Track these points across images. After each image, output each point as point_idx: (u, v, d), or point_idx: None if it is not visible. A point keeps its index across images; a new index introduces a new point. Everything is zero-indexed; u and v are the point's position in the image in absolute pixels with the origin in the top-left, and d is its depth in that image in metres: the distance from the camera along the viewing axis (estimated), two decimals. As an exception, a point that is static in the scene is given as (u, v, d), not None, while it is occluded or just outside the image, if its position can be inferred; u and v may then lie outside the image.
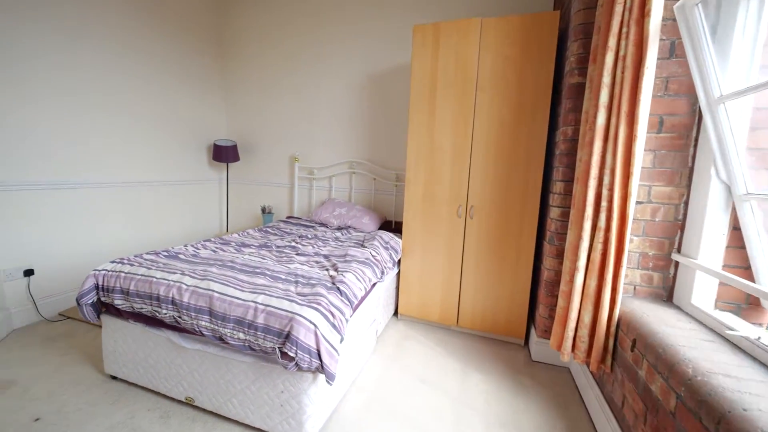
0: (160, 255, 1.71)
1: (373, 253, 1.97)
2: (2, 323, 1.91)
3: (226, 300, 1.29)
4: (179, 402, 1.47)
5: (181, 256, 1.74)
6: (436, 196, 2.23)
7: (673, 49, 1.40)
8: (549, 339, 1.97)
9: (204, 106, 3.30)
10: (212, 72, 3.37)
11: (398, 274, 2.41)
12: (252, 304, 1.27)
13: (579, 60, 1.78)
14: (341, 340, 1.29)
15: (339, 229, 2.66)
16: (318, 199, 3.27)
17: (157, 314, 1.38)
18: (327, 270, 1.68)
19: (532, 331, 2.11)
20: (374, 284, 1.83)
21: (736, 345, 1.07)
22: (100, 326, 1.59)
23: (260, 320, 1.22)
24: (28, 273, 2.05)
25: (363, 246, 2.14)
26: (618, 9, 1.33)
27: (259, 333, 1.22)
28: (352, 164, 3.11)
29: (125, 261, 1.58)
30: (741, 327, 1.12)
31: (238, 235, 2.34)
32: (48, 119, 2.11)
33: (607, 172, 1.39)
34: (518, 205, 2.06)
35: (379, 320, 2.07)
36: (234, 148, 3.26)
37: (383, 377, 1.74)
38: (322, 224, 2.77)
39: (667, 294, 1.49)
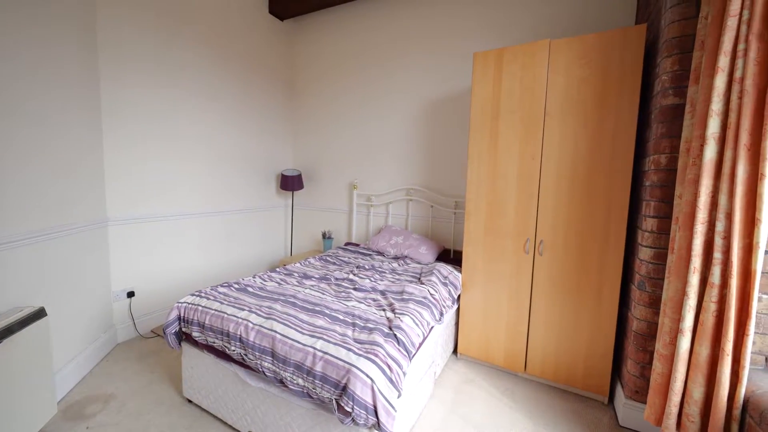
0: (232, 288, 1.84)
1: (431, 291, 1.89)
2: (110, 338, 2.24)
3: (287, 343, 1.33)
4: (243, 435, 1.54)
5: (250, 289, 1.86)
6: (500, 228, 2.08)
7: (814, 63, 1.12)
8: (640, 402, 1.66)
9: (273, 139, 3.60)
10: (280, 108, 3.67)
11: (458, 309, 2.28)
12: (311, 349, 1.28)
13: (674, 78, 1.53)
14: (399, 396, 1.23)
15: (396, 258, 2.63)
16: (375, 224, 3.30)
17: (227, 349, 1.47)
18: (384, 310, 1.64)
19: (618, 388, 1.81)
20: (432, 327, 1.74)
21: None
22: (180, 351, 1.75)
23: (318, 368, 1.22)
24: (131, 294, 2.38)
25: (420, 281, 2.07)
26: (731, 23, 1.11)
27: (317, 381, 1.22)
28: (410, 191, 3.08)
29: (203, 294, 1.73)
30: None
31: (300, 264, 2.44)
32: (149, 161, 2.47)
33: (720, 216, 1.14)
34: (598, 241, 1.82)
35: (438, 361, 1.96)
36: (299, 177, 3.47)
37: (443, 428, 1.62)
38: (379, 253, 2.77)
39: (817, 371, 1.15)
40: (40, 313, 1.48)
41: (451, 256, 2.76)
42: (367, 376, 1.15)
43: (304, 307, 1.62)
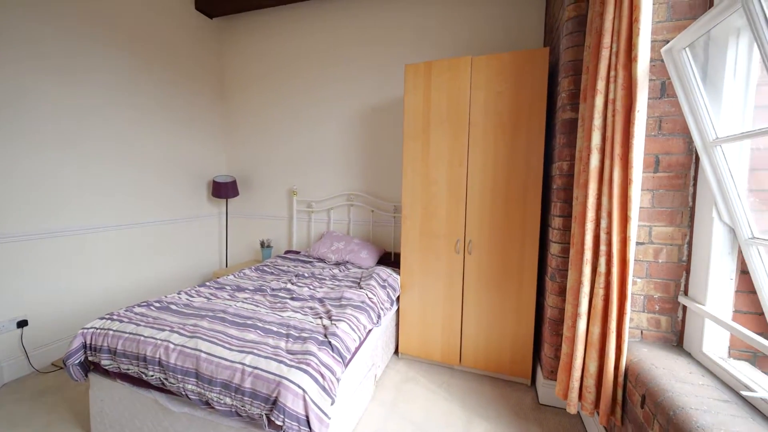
0: (152, 307, 1.68)
1: (370, 295, 1.93)
2: (-7, 378, 1.88)
3: (213, 361, 1.25)
4: (167, 467, 1.41)
5: (173, 306, 1.71)
6: (433, 231, 2.19)
7: (665, 89, 1.39)
8: (554, 380, 1.88)
9: (204, 144, 3.36)
10: (212, 111, 3.44)
11: (398, 311, 2.35)
12: (239, 366, 1.22)
13: (570, 96, 1.77)
14: (332, 403, 1.23)
15: (337, 264, 2.62)
16: (317, 231, 3.25)
17: (144, 375, 1.34)
18: (321, 318, 1.63)
19: (539, 371, 2.02)
20: (370, 330, 1.77)
21: (756, 408, 0.99)
22: (87, 384, 1.54)
23: (247, 384, 1.17)
24: (22, 324, 2.03)
25: (360, 286, 2.09)
26: (605, 53, 1.33)
27: (246, 398, 1.17)
28: (350, 197, 3.10)
29: (114, 317, 1.55)
30: (759, 384, 1.04)
31: (234, 276, 2.31)
32: (47, 168, 2.14)
33: (603, 215, 1.35)
34: (518, 239, 2.02)
35: (378, 363, 2.00)
36: (233, 183, 3.28)
37: (382, 430, 1.65)
38: (320, 259, 2.74)
39: (677, 338, 1.42)
40: None
41: (392, 259, 2.83)
42: (299, 386, 1.14)
43: (235, 322, 1.54)
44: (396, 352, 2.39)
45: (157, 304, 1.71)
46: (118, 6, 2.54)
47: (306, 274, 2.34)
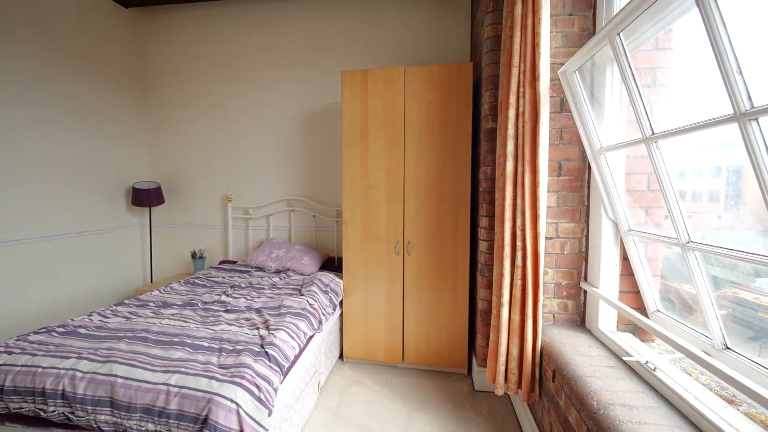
0: (53, 333, 1.46)
1: (311, 301, 1.91)
2: None
3: (132, 386, 1.14)
4: None
5: (82, 330, 1.51)
6: (374, 233, 2.25)
7: (563, 105, 1.62)
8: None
9: (122, 147, 3.01)
10: (131, 113, 3.11)
11: (341, 315, 2.35)
12: (163, 387, 1.13)
13: (491, 108, 1.96)
14: (269, 414, 1.20)
15: (277, 272, 2.54)
16: (255, 239, 3.11)
17: (42, 413, 1.16)
18: (258, 329, 1.57)
19: (474, 360, 2.18)
20: (311, 337, 1.76)
21: (633, 370, 1.20)
22: (-33, 431, 1.29)
23: (173, 406, 1.09)
24: None
25: (300, 293, 2.05)
26: (515, 71, 1.51)
27: (171, 421, 1.08)
28: (291, 202, 3.03)
29: (2, 348, 1.32)
30: (636, 350, 1.26)
31: (160, 291, 2.11)
32: None
33: (518, 214, 1.52)
34: (451, 239, 2.16)
35: (322, 370, 1.98)
36: (157, 190, 2.99)
37: (326, 436, 1.64)
38: (260, 268, 2.63)
39: (580, 319, 1.64)
40: None
41: (335, 264, 2.82)
42: (232, 401, 1.09)
43: (159, 341, 1.41)
44: (341, 356, 2.39)
45: (61, 329, 1.50)
46: (5, -15, 2.18)
47: (243, 285, 2.23)
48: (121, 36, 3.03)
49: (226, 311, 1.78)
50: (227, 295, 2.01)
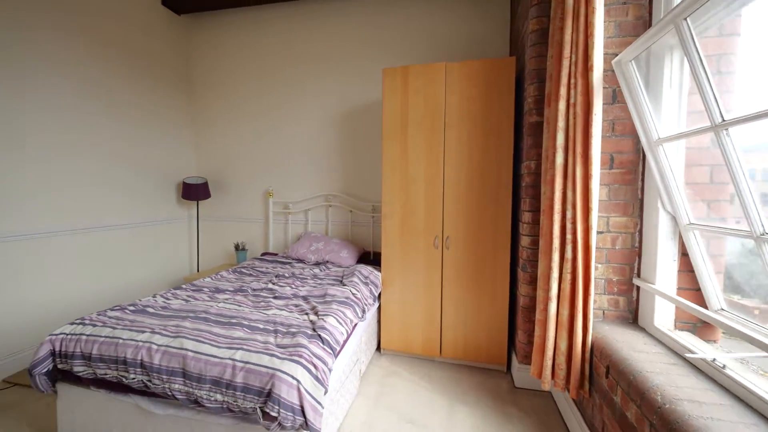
0: (127, 311, 1.60)
1: (354, 291, 1.96)
2: (-66, 399, 1.69)
3: (201, 359, 1.23)
4: (148, 475, 1.35)
5: (150, 309, 1.64)
6: (413, 228, 2.28)
7: (615, 96, 1.57)
8: (528, 364, 2.01)
9: (172, 144, 3.23)
10: (181, 110, 3.33)
11: (379, 308, 2.40)
12: (230, 361, 1.21)
13: (535, 101, 1.94)
14: (325, 393, 1.26)
15: (317, 264, 2.63)
16: (294, 233, 3.23)
17: (124, 379, 1.28)
18: (307, 314, 1.64)
19: (513, 357, 2.15)
20: (356, 325, 1.81)
21: (697, 368, 1.15)
22: (54, 394, 1.44)
23: (239, 379, 1.17)
24: (-31, 337, 1.84)
25: (342, 283, 2.12)
26: (565, 63, 1.49)
27: (238, 393, 1.16)
28: (328, 197, 3.12)
29: (87, 321, 1.47)
30: (699, 348, 1.21)
31: (211, 278, 2.25)
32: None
33: (569, 206, 1.50)
34: (491, 234, 2.15)
35: (362, 359, 2.04)
36: (204, 185, 3.18)
37: (369, 421, 1.69)
38: (300, 260, 2.73)
39: (632, 316, 1.59)
40: None
41: (371, 258, 2.88)
42: (293, 377, 1.15)
43: (218, 321, 1.52)
44: (378, 348, 2.44)
45: (132, 308, 1.64)
46: (88, 2, 2.42)
47: (286, 275, 2.32)
48: (174, 41, 3.25)
49: (275, 297, 1.87)
50: (273, 284, 2.11)
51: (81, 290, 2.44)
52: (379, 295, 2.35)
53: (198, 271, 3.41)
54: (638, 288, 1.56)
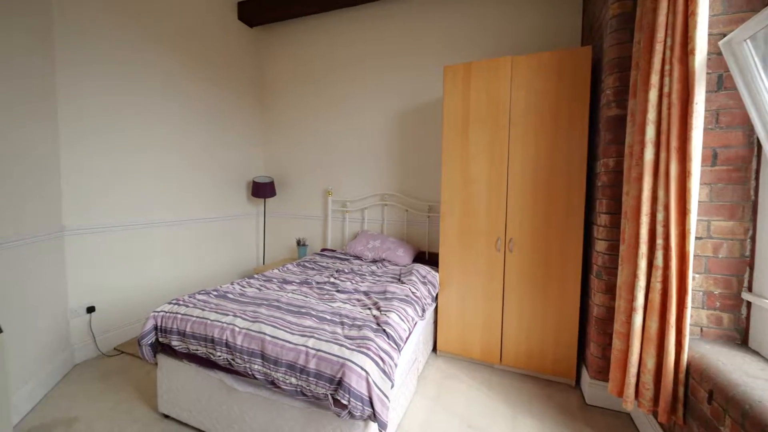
0: (211, 295, 1.79)
1: (413, 290, 1.97)
2: (67, 359, 2.05)
3: (278, 344, 1.33)
4: (229, 445, 1.49)
5: (230, 295, 1.82)
6: (473, 228, 2.22)
7: (721, 82, 1.38)
8: (603, 381, 1.84)
9: (244, 145, 3.54)
10: (251, 114, 3.63)
11: (435, 308, 2.37)
12: (303, 348, 1.29)
13: (616, 93, 1.77)
14: (392, 386, 1.28)
15: (374, 261, 2.68)
16: (351, 230, 3.34)
17: (212, 356, 1.43)
18: (369, 309, 1.69)
19: (584, 371, 1.99)
20: (416, 323, 1.81)
21: (837, 403, 0.96)
22: (156, 365, 1.66)
23: (312, 365, 1.24)
24: (90, 310, 2.20)
25: (401, 281, 2.14)
26: (658, 47, 1.34)
27: (311, 378, 1.23)
28: (384, 196, 3.17)
29: (181, 302, 1.67)
30: (839, 381, 1.01)
31: (279, 270, 2.41)
32: (108, 167, 2.33)
33: (660, 208, 1.34)
34: (560, 237, 2.01)
35: (420, 358, 2.03)
36: (271, 184, 3.43)
37: (428, 421, 1.68)
38: (357, 257, 2.81)
39: (741, 337, 1.37)
40: (-6, 330, 1.35)
41: (426, 258, 2.86)
42: (362, 368, 1.19)
43: (290, 310, 1.62)
44: (434, 349, 2.41)
45: (215, 293, 1.82)
46: (173, 14, 2.75)
47: (346, 270, 2.41)
48: (246, 51, 3.56)
49: (338, 291, 1.95)
50: (335, 278, 2.20)
51: (167, 275, 2.77)
52: (436, 295, 2.33)
53: (264, 263, 3.69)
54: (749, 304, 1.34)
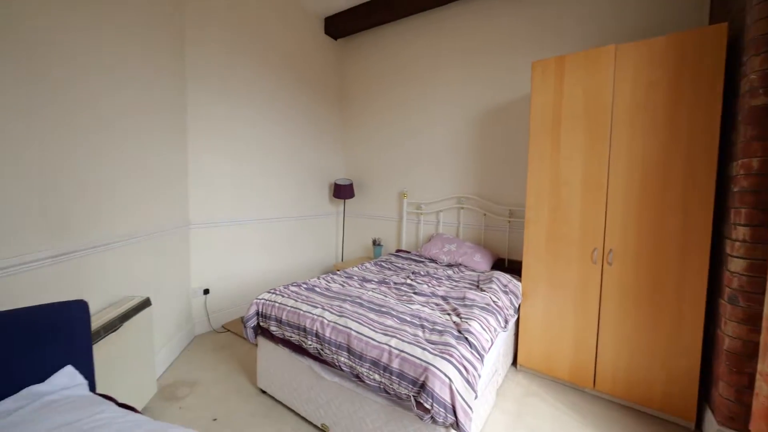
0: (302, 287, 1.97)
1: (494, 298, 1.88)
2: (190, 331, 2.48)
3: (362, 340, 1.40)
4: (316, 427, 1.62)
5: (317, 289, 1.98)
6: (564, 236, 2.03)
7: None
8: (735, 429, 1.51)
9: (326, 150, 3.81)
10: (333, 121, 3.89)
11: (517, 320, 2.23)
12: (386, 347, 1.34)
13: (763, 77, 1.44)
14: (476, 397, 1.25)
15: (449, 266, 2.64)
16: (425, 233, 3.34)
17: (303, 344, 1.58)
18: (449, 315, 1.67)
19: (708, 414, 1.66)
20: (498, 334, 1.73)
21: None
22: (255, 345, 1.90)
23: (395, 365, 1.28)
24: (206, 292, 2.63)
25: (480, 288, 2.06)
26: (841, 17, 1.05)
27: (394, 377, 1.27)
28: (461, 199, 3.10)
29: (277, 292, 1.87)
30: None
31: (357, 268, 2.54)
32: (221, 172, 2.73)
33: (837, 222, 1.05)
34: (675, 251, 1.71)
35: (500, 371, 1.93)
36: (350, 186, 3.63)
37: (509, 439, 1.59)
38: (432, 260, 2.80)
39: None
40: (146, 303, 1.70)
41: (506, 266, 2.71)
42: (445, 375, 1.18)
43: (371, 308, 1.70)
44: (514, 363, 2.27)
45: (305, 285, 2.00)
46: (278, 42, 3.11)
47: (422, 273, 2.42)
48: (331, 62, 3.82)
49: (415, 293, 1.97)
50: (412, 280, 2.23)
51: (261, 266, 3.13)
52: (518, 306, 2.19)
53: (342, 260, 3.92)
54: None
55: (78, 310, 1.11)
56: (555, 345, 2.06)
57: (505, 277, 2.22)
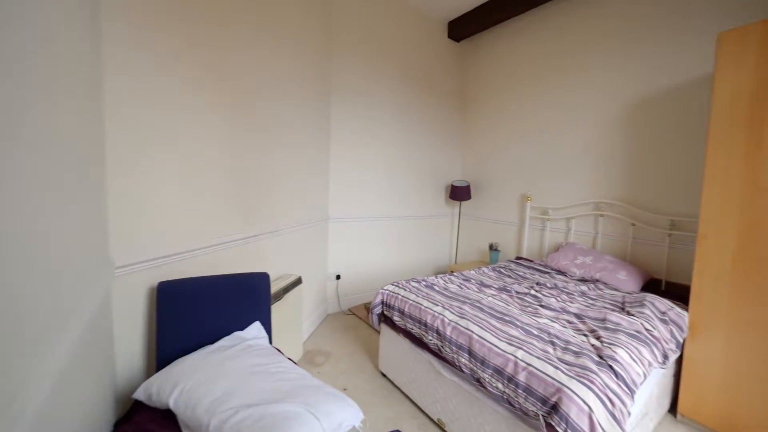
0: (421, 283, 2.07)
1: (647, 326, 1.57)
2: (324, 310, 2.92)
3: (485, 345, 1.38)
4: (432, 421, 1.69)
5: (435, 287, 2.04)
6: (762, 260, 1.53)
7: None
8: None
9: (444, 152, 3.84)
10: (451, 123, 3.88)
11: (679, 358, 1.80)
12: (512, 357, 1.29)
13: None
14: (622, 437, 1.08)
15: (583, 281, 2.32)
16: (551, 241, 3.02)
17: (424, 338, 1.66)
18: (585, 336, 1.48)
19: None
20: (652, 369, 1.44)
21: None
22: (378, 331, 2.09)
23: (521, 378, 1.22)
24: (338, 277, 3.03)
25: (626, 311, 1.75)
26: None
27: (519, 391, 1.21)
28: (600, 205, 2.68)
29: (400, 285, 2.01)
30: None
31: (474, 272, 2.49)
32: (350, 174, 3.08)
33: None
34: None
35: (651, 415, 1.61)
36: (467, 188, 3.57)
37: (662, 499, 1.31)
38: (560, 272, 2.52)
39: None
40: (299, 280, 2.10)
41: (662, 288, 2.22)
42: (584, 401, 1.07)
43: (492, 314, 1.65)
44: (671, 410, 1.85)
45: (424, 282, 2.09)
46: (402, 54, 3.31)
47: (548, 285, 2.20)
48: (452, 65, 3.81)
49: (542, 306, 1.81)
50: (536, 291, 2.06)
51: (380, 260, 3.39)
52: (683, 341, 1.76)
53: (456, 262, 3.90)
54: None
55: (263, 279, 1.46)
56: (743, 398, 1.58)
57: (663, 303, 1.82)
